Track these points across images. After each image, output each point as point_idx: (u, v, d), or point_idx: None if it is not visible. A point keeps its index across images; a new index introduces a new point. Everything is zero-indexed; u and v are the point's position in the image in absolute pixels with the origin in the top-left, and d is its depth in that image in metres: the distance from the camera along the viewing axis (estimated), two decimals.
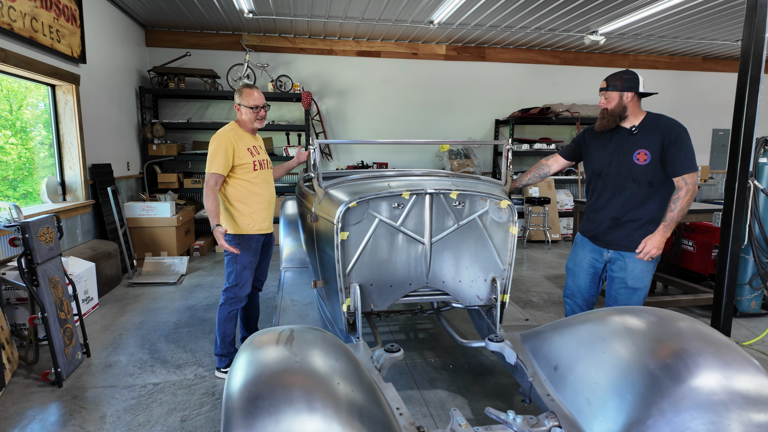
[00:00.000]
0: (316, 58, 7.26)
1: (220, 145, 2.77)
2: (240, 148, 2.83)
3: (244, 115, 2.89)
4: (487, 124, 7.87)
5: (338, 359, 1.58)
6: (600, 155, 2.70)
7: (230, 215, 2.87)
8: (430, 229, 2.41)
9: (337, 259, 2.32)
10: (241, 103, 2.87)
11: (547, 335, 2.18)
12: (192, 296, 4.57)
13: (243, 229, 2.88)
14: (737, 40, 7.15)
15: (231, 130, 2.87)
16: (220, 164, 2.76)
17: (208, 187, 2.75)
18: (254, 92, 2.89)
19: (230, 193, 2.87)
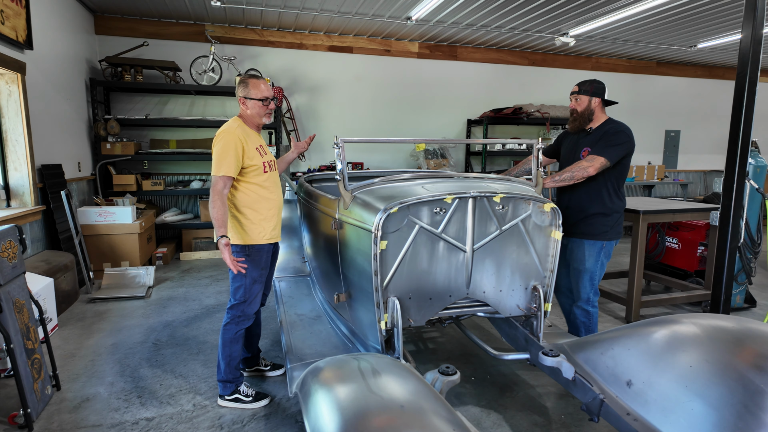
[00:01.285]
0: (286, 52, 6.88)
1: (228, 143, 2.43)
2: (249, 147, 2.51)
3: (251, 110, 2.57)
4: (459, 124, 7.82)
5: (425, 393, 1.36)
6: (564, 153, 3.15)
7: (238, 223, 2.54)
8: (473, 236, 2.23)
9: (374, 272, 2.08)
10: (248, 95, 2.55)
11: (604, 346, 2.06)
12: (167, 311, 4.12)
13: (253, 239, 2.55)
14: (691, 46, 7.54)
15: (238, 126, 2.54)
16: (231, 165, 2.43)
17: (215, 192, 2.41)
18: (261, 83, 2.58)
19: (239, 198, 2.54)
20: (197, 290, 4.72)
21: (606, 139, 2.89)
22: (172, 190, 6.17)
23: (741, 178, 3.47)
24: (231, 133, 2.46)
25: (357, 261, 2.24)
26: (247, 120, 2.62)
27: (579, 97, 2.98)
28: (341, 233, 2.38)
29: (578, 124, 3.02)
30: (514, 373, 3.02)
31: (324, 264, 2.78)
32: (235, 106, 6.73)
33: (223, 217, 2.38)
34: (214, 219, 2.37)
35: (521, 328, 2.51)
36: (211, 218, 2.41)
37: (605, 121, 3.02)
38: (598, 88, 2.99)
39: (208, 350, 3.34)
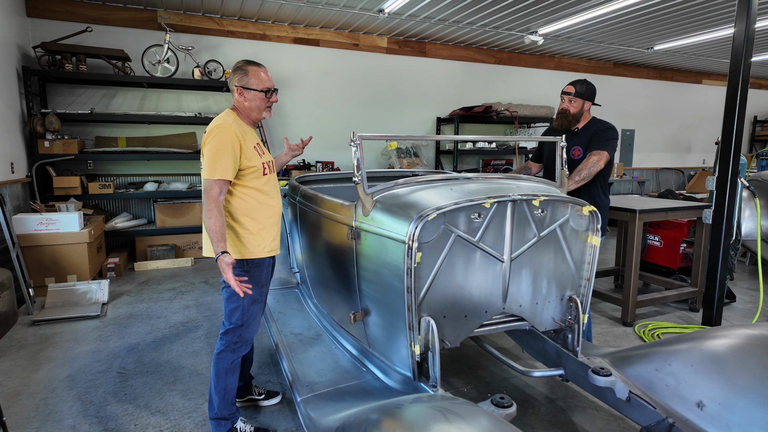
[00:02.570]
0: (247, 43, 6.41)
1: (224, 141, 2.06)
2: (247, 146, 2.15)
3: (250, 102, 2.20)
4: (429, 122, 7.65)
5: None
6: (548, 153, 3.14)
7: (234, 235, 2.17)
8: (511, 244, 2.01)
9: (407, 288, 1.80)
10: (248, 85, 2.18)
11: (656, 361, 1.90)
12: (129, 332, 3.61)
13: (252, 253, 2.19)
14: (648, 48, 7.80)
15: (234, 121, 2.17)
16: (228, 167, 2.06)
17: (209, 199, 2.03)
18: (262, 71, 2.22)
19: (235, 205, 2.17)
20: (160, 306, 4.22)
21: (600, 135, 2.94)
22: (123, 194, 5.55)
23: (734, 177, 3.49)
24: (227, 129, 2.09)
25: (382, 276, 1.95)
26: (243, 114, 2.25)
27: (574, 99, 2.99)
28: (359, 243, 2.08)
29: (568, 123, 3.04)
30: (529, 385, 2.84)
31: (330, 278, 2.46)
32: (192, 100, 6.17)
33: (222, 228, 2.01)
34: (211, 231, 1.99)
35: (550, 341, 2.32)
36: (206, 231, 2.03)
37: (590, 120, 3.07)
38: (592, 91, 3.03)
39: (185, 378, 2.92)
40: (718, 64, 9.04)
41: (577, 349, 2.18)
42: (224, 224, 2.03)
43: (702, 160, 10.45)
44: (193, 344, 3.40)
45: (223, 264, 1.95)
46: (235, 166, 2.09)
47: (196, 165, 6.29)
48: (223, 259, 1.96)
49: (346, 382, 2.19)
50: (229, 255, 1.98)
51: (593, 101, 3.00)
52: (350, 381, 2.19)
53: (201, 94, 6.19)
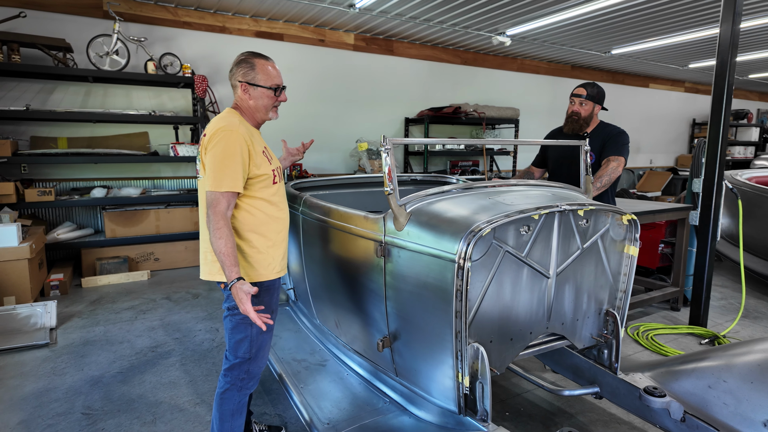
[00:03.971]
0: (205, 35, 5.92)
1: (232, 146, 1.75)
2: (256, 151, 1.85)
3: (257, 100, 1.90)
4: (397, 122, 7.47)
5: None
6: (556, 158, 3.08)
7: (240, 254, 1.86)
8: (557, 258, 1.84)
9: (455, 312, 1.59)
10: (254, 80, 1.88)
11: (708, 377, 1.81)
12: (88, 362, 3.14)
13: (261, 275, 1.89)
14: (605, 52, 8.04)
15: (240, 122, 1.86)
16: (237, 177, 1.75)
17: (217, 215, 1.71)
18: (270, 65, 1.92)
19: (241, 220, 1.86)
20: (120, 328, 3.74)
21: (614, 140, 2.93)
22: (66, 201, 4.93)
23: (720, 179, 3.55)
24: (233, 131, 1.78)
25: (422, 298, 1.73)
26: (247, 113, 1.95)
27: (585, 102, 2.94)
28: (390, 261, 1.84)
29: (577, 128, 2.99)
30: (545, 400, 2.71)
31: (345, 298, 2.19)
32: (145, 97, 5.62)
33: (234, 250, 1.70)
34: (222, 255, 1.68)
35: (583, 358, 2.19)
36: (215, 254, 1.70)
37: (599, 124, 3.04)
38: (602, 94, 2.99)
39: (166, 415, 2.54)
40: (664, 69, 9.52)
41: (616, 366, 2.05)
42: (235, 244, 1.72)
43: (649, 160, 10.99)
44: (168, 373, 3.00)
45: (242, 293, 1.65)
46: (244, 175, 1.79)
47: (149, 168, 5.74)
48: (242, 288, 1.65)
49: (371, 416, 1.94)
50: (247, 282, 1.67)
51: (603, 105, 2.93)
52: (375, 415, 1.95)
53: (155, 90, 5.65)
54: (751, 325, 3.93)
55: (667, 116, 11.06)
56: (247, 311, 1.65)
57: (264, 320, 1.68)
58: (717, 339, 3.52)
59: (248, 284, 1.67)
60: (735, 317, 4.09)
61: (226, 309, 1.90)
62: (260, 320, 1.66)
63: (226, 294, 1.89)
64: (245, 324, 1.86)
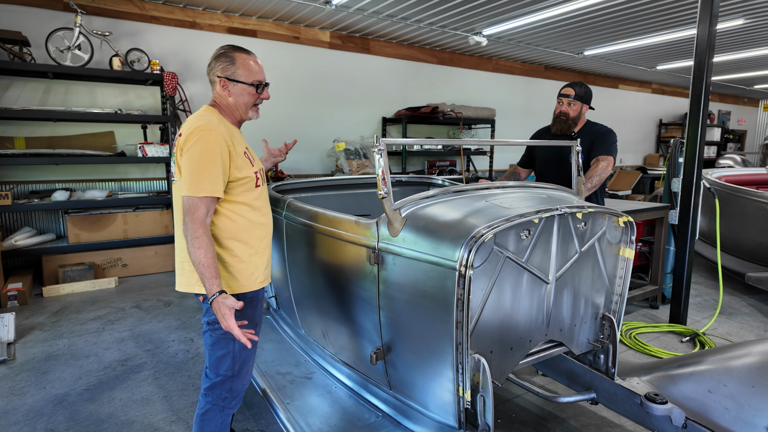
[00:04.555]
0: (174, 30, 5.67)
1: (211, 147, 1.62)
2: (237, 152, 1.71)
3: (237, 98, 1.77)
4: (374, 122, 7.36)
5: None
6: (543, 158, 3.05)
7: (221, 264, 1.72)
8: (556, 262, 1.78)
9: (456, 323, 1.50)
10: (234, 76, 1.75)
11: (708, 381, 1.78)
12: (51, 379, 2.92)
13: (243, 285, 1.76)
14: (578, 53, 8.15)
15: (219, 120, 1.72)
16: (217, 180, 1.62)
17: (195, 222, 1.57)
18: (252, 59, 1.80)
19: (221, 227, 1.72)
20: (86, 341, 3.51)
21: (602, 139, 2.90)
22: (24, 205, 4.62)
23: (699, 179, 3.60)
24: (212, 131, 1.64)
25: (419, 307, 1.63)
26: (227, 111, 1.81)
27: (574, 102, 2.93)
28: (383, 269, 1.73)
29: (565, 128, 2.96)
30: (536, 405, 2.66)
31: (333, 307, 2.07)
32: (110, 94, 5.33)
33: (215, 261, 1.56)
34: (202, 266, 1.54)
35: (579, 363, 2.14)
36: (194, 265, 1.57)
37: (586, 123, 3.02)
38: (590, 94, 2.99)
39: None
40: (633, 71, 9.74)
41: (613, 371, 2.01)
42: (215, 254, 1.58)
43: (619, 160, 11.23)
44: (141, 389, 2.81)
45: (225, 308, 1.51)
46: (224, 179, 1.65)
47: (116, 169, 5.45)
48: (224, 302, 1.51)
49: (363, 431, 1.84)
50: (231, 296, 1.54)
51: (590, 104, 2.90)
52: (368, 430, 1.84)
53: (121, 87, 5.37)
54: (727, 321, 4.00)
55: (635, 117, 11.34)
56: (230, 327, 1.52)
57: (248, 336, 1.55)
58: (697, 337, 3.56)
59: (231, 298, 1.54)
60: (711, 314, 4.16)
61: (205, 323, 1.76)
62: (245, 337, 1.53)
63: (205, 307, 1.75)
64: (227, 339, 1.72)
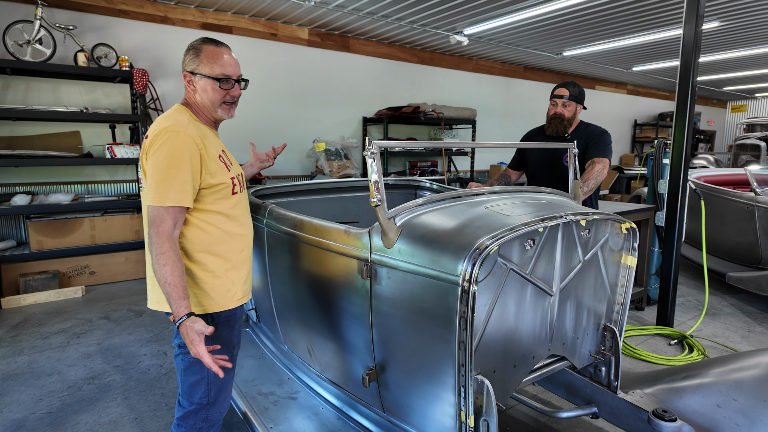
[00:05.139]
0: (144, 25, 5.40)
1: (179, 150, 1.46)
2: (210, 156, 1.55)
3: (202, 94, 1.61)
4: (355, 122, 7.21)
5: None
6: (536, 160, 2.97)
7: (192, 280, 1.55)
8: (560, 273, 1.67)
9: (459, 343, 1.38)
10: (197, 69, 1.58)
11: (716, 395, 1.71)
12: (8, 402, 2.67)
13: (218, 304, 1.59)
14: (557, 54, 8.17)
15: (189, 121, 1.55)
16: (185, 188, 1.45)
17: (161, 236, 1.41)
18: (224, 52, 1.63)
19: (192, 239, 1.56)
20: (49, 357, 3.26)
21: (597, 140, 2.81)
22: None
23: (685, 180, 3.57)
24: (181, 132, 1.48)
25: (416, 325, 1.50)
26: (198, 110, 1.64)
27: (568, 103, 2.83)
28: (377, 283, 1.59)
29: (563, 129, 2.87)
30: (530, 417, 2.56)
31: (320, 323, 1.92)
32: (75, 92, 5.04)
33: (183, 279, 1.40)
34: (168, 285, 1.38)
35: (578, 376, 2.05)
36: (159, 283, 1.40)
37: (579, 124, 2.94)
38: (583, 94, 2.91)
39: None
40: (610, 72, 9.85)
41: (615, 384, 1.92)
42: (184, 271, 1.42)
43: None
44: (109, 410, 2.60)
45: (193, 333, 1.35)
46: (194, 186, 1.48)
47: (82, 171, 5.15)
48: (192, 327, 1.36)
49: None
50: (200, 319, 1.37)
51: (583, 104, 2.83)
52: None
53: (87, 84, 5.07)
54: (712, 322, 4.01)
55: (611, 117, 11.49)
56: (200, 354, 1.36)
57: (220, 364, 1.39)
58: (685, 339, 3.54)
59: (200, 322, 1.38)
60: (695, 314, 4.17)
61: (176, 346, 1.59)
62: (215, 365, 1.37)
63: (176, 329, 1.59)
64: (201, 364, 1.55)
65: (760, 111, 14.34)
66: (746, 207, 4.70)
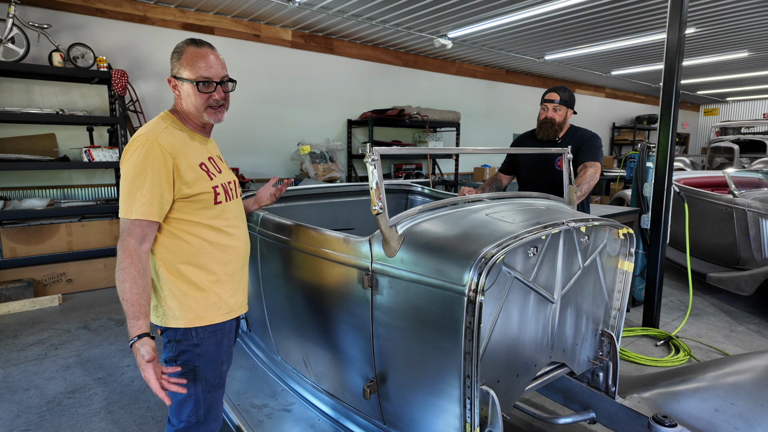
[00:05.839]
0: (122, 25, 5.25)
1: (146, 160, 1.40)
2: (187, 164, 1.48)
3: (186, 99, 1.54)
4: (340, 124, 7.15)
5: None
6: (527, 165, 2.96)
7: (172, 293, 1.49)
8: (561, 280, 1.66)
9: (464, 354, 1.35)
10: (179, 73, 1.52)
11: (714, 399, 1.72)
12: None
13: (201, 318, 1.52)
14: (539, 57, 8.27)
15: (167, 128, 1.49)
16: (151, 199, 1.40)
17: (125, 250, 1.37)
18: (208, 53, 1.55)
19: (172, 249, 1.50)
20: (26, 370, 3.12)
21: (588, 144, 2.83)
22: None
23: (670, 183, 3.63)
24: (151, 141, 1.42)
25: (420, 335, 1.47)
26: (184, 116, 1.58)
27: (559, 107, 2.83)
28: (378, 293, 1.55)
29: (554, 133, 2.87)
30: (524, 422, 2.56)
31: (316, 333, 1.87)
32: (50, 93, 4.86)
33: (140, 297, 1.35)
34: (125, 302, 1.34)
35: (576, 381, 2.04)
36: (120, 299, 1.35)
37: (569, 128, 2.95)
38: (573, 98, 2.91)
39: None
40: (589, 75, 10.02)
41: (613, 390, 1.92)
42: (147, 288, 1.37)
43: None
44: (92, 426, 2.50)
45: (139, 356, 1.30)
46: (164, 199, 1.43)
47: (58, 175, 4.98)
48: (139, 350, 1.30)
49: None
50: (150, 342, 1.32)
51: (574, 108, 2.84)
52: None
53: (63, 85, 4.90)
54: (695, 322, 4.09)
55: (590, 120, 11.68)
56: (147, 379, 1.31)
57: (174, 389, 1.32)
58: (671, 340, 3.59)
59: (148, 346, 1.31)
60: (678, 315, 4.24)
61: (163, 361, 1.52)
62: (161, 392, 1.30)
63: (164, 342, 1.52)
64: (188, 380, 1.49)
65: (732, 114, 14.81)
66: (725, 209, 4.82)
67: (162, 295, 1.51)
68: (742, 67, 9.04)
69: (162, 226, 1.48)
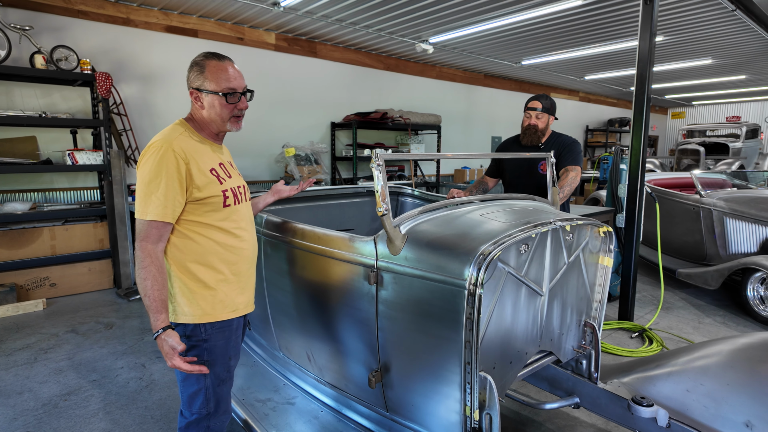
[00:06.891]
0: (105, 27, 5.22)
1: (160, 165, 1.50)
2: (200, 169, 1.57)
3: (209, 110, 1.63)
4: (323, 127, 7.23)
5: None
6: (512, 169, 3.08)
7: (182, 290, 1.59)
8: (549, 274, 1.81)
9: (465, 342, 1.48)
10: (203, 86, 1.61)
11: (686, 381, 1.89)
12: None
13: (209, 314, 1.61)
14: (516, 62, 8.53)
15: (180, 135, 1.58)
16: (166, 203, 1.50)
17: (144, 250, 1.47)
18: (228, 65, 1.65)
19: (182, 248, 1.59)
20: (17, 375, 3.11)
21: (569, 149, 2.98)
22: None
23: (642, 184, 3.85)
24: (165, 148, 1.52)
25: (423, 327, 1.59)
26: (201, 125, 1.67)
27: (541, 115, 2.97)
28: (383, 288, 1.67)
29: (536, 139, 3.01)
30: (511, 410, 2.71)
31: (321, 327, 1.97)
32: (31, 95, 4.80)
33: (162, 293, 1.47)
34: (147, 298, 1.46)
35: (561, 369, 2.20)
36: (141, 296, 1.46)
37: (551, 134, 3.10)
38: (555, 106, 3.06)
39: None
40: (564, 80, 10.36)
41: (596, 375, 2.08)
42: (166, 285, 1.50)
43: None
44: (93, 426, 2.53)
45: (167, 347, 1.44)
46: (177, 201, 1.52)
47: (39, 178, 4.92)
48: (166, 341, 1.44)
49: None
50: (175, 334, 1.45)
51: (555, 115, 3.01)
52: None
53: (44, 87, 4.84)
54: (666, 315, 4.33)
55: (565, 123, 12.05)
56: (176, 366, 1.46)
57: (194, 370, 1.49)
58: (645, 332, 3.81)
59: (175, 338, 1.46)
60: (651, 309, 4.49)
61: None
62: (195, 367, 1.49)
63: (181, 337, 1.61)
64: (198, 375, 1.58)
65: (697, 117, 15.47)
66: (692, 208, 5.11)
67: (172, 292, 1.59)
68: (707, 73, 9.51)
69: (174, 227, 1.56)
